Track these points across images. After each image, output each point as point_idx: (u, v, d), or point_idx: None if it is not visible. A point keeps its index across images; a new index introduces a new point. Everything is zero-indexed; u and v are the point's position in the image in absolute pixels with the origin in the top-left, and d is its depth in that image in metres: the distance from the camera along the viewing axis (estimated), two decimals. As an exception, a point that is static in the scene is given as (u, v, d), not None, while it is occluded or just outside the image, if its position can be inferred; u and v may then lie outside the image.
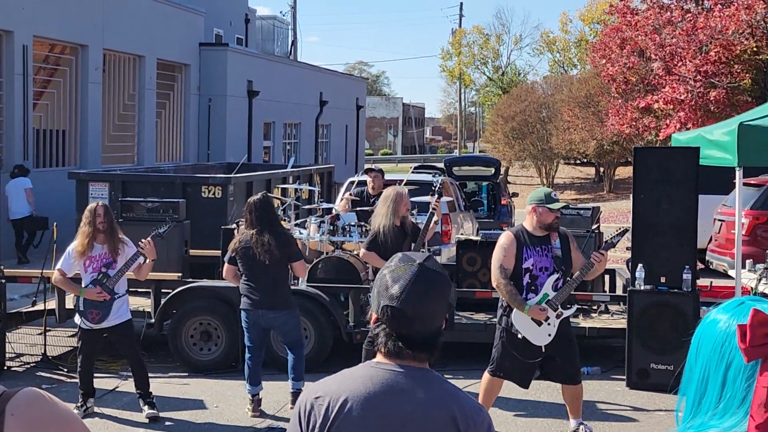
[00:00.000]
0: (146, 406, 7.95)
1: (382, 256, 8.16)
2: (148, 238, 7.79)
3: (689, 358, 2.00)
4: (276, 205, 12.96)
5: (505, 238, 7.14)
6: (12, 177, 16.89)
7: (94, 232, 7.75)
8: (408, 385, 2.39)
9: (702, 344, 1.97)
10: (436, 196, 8.75)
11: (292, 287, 8.66)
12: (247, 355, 8.10)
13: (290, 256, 7.98)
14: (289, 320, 8.05)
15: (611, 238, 7.45)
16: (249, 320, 7.98)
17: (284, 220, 10.19)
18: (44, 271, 9.85)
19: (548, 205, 7.01)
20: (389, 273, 2.45)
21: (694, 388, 1.97)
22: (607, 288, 11.05)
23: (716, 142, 8.94)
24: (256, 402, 8.12)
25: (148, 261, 7.83)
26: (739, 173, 8.78)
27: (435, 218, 8.60)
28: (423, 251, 8.40)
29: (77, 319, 7.95)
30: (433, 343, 2.43)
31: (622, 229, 7.71)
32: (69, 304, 10.01)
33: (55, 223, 11.51)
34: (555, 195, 7.23)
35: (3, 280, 9.59)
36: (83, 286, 7.86)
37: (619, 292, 10.86)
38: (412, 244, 8.41)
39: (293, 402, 8.11)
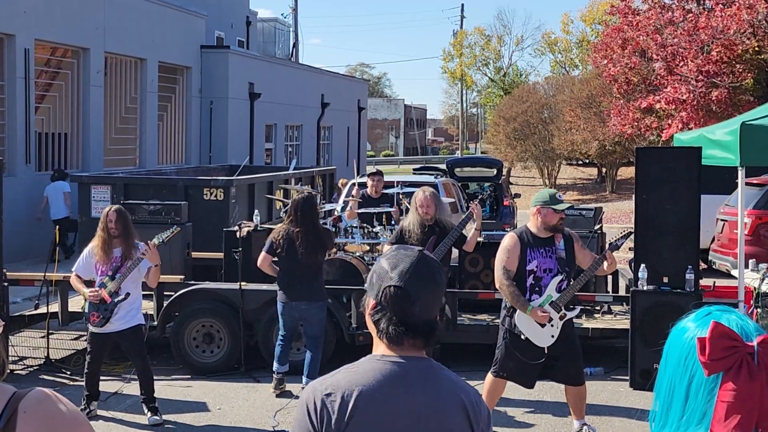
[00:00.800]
0: (149, 412, 7.95)
1: None
2: (151, 243, 7.77)
3: (661, 364, 1.99)
4: (279, 207, 12.99)
5: (509, 239, 7.13)
6: (52, 180, 17.68)
7: (108, 237, 7.82)
8: (416, 376, 2.42)
9: (670, 353, 1.96)
10: (476, 201, 8.75)
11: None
12: (279, 337, 8.64)
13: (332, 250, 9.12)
14: (320, 312, 8.57)
15: (616, 240, 7.43)
16: (285, 312, 8.53)
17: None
18: (47, 274, 9.84)
19: (553, 206, 7.01)
20: (387, 260, 2.50)
21: (663, 397, 1.96)
22: (610, 288, 11.05)
23: (718, 141, 8.94)
24: (278, 380, 8.60)
25: (152, 267, 7.82)
26: (741, 173, 8.77)
27: (475, 225, 8.50)
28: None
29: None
30: (431, 331, 2.46)
31: (626, 232, 7.70)
32: (72, 307, 10.02)
33: (57, 227, 11.53)
34: (560, 196, 7.24)
35: (5, 284, 9.59)
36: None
37: (622, 292, 10.86)
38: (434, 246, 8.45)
39: None
